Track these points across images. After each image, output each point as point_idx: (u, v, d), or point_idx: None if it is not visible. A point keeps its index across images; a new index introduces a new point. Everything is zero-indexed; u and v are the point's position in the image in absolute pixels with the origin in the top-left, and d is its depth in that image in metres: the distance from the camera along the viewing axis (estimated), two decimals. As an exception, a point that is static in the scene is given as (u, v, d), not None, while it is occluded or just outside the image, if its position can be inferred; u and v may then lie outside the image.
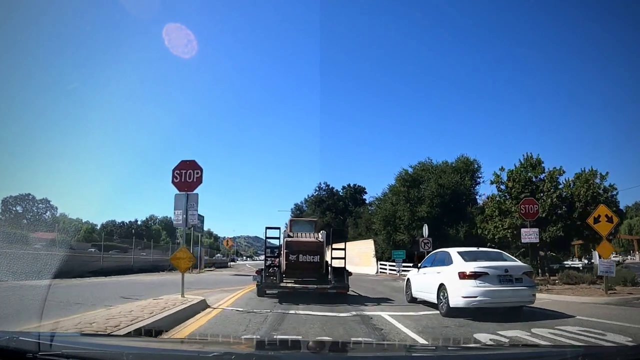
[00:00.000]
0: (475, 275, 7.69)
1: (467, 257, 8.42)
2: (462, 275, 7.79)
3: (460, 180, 30.66)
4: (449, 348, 3.78)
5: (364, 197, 55.02)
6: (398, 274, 30.74)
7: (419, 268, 10.26)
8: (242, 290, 12.91)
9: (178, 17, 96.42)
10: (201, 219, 27.36)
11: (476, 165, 33.12)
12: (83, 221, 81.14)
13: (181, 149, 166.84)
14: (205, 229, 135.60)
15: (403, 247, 30.62)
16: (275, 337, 5.71)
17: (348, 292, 10.94)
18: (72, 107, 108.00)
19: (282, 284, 10.54)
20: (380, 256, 33.86)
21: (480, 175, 32.97)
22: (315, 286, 10.36)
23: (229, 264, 49.69)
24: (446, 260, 8.77)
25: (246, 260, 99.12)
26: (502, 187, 19.70)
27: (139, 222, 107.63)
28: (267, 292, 10.87)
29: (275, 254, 11.34)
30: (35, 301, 7.58)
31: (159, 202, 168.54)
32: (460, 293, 7.68)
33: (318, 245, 10.85)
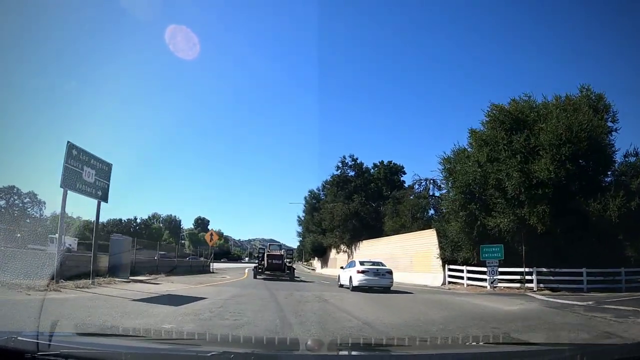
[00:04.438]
0: (363, 272, 15.73)
1: (362, 263, 16.75)
2: (358, 272, 15.80)
3: (597, 121, 17.44)
4: (447, 346, 4.28)
5: (402, 178, 41.93)
6: (490, 287, 17.60)
7: (343, 269, 18.75)
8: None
9: (180, 18, 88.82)
10: (104, 188, 14.44)
11: (603, 104, 19.72)
12: (82, 219, 73.78)
13: (184, 147, 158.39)
14: (216, 228, 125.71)
15: (499, 239, 17.37)
16: (273, 337, 5.48)
17: (295, 278, 23.02)
18: (71, 105, 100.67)
19: (265, 273, 22.46)
20: (450, 256, 20.64)
21: (616, 118, 19.54)
22: (279, 275, 22.55)
23: (211, 268, 30.75)
24: (353, 264, 17.22)
25: (250, 262, 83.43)
26: None
27: (138, 220, 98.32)
28: (257, 277, 22.28)
29: (262, 258, 23.39)
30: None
31: (162, 200, 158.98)
32: (357, 280, 15.65)
33: (281, 256, 23.22)
